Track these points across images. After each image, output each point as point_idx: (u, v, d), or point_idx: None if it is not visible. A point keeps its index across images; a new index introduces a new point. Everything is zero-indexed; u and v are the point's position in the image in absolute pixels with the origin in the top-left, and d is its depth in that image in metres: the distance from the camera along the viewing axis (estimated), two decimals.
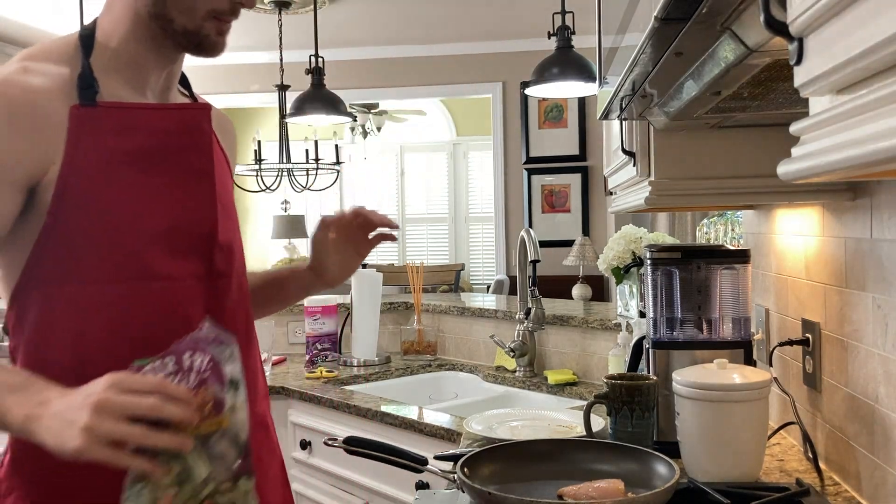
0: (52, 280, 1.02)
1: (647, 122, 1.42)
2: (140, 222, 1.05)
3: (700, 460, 1.35)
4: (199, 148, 1.12)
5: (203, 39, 1.08)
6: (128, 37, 1.08)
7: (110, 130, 1.04)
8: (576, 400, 2.31)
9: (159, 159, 1.08)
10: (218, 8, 1.06)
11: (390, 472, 1.81)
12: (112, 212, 1.03)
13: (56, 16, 5.08)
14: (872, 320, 1.20)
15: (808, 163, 0.54)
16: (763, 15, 0.55)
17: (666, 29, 0.79)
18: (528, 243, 2.45)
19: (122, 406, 0.83)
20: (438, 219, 8.79)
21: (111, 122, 1.04)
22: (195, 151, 1.12)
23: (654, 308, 1.56)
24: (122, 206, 1.04)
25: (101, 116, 1.03)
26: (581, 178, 5.92)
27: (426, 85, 6.14)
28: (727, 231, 3.19)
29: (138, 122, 1.07)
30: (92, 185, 1.02)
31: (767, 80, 0.93)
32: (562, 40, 2.87)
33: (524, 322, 2.52)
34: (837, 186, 1.29)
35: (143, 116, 1.08)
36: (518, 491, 1.20)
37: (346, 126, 7.98)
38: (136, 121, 1.07)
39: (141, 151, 1.06)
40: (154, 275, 1.05)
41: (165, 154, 1.09)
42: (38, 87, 1.01)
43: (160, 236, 1.06)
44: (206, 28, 1.07)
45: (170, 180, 1.08)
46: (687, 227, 4.35)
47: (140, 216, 1.05)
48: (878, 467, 1.19)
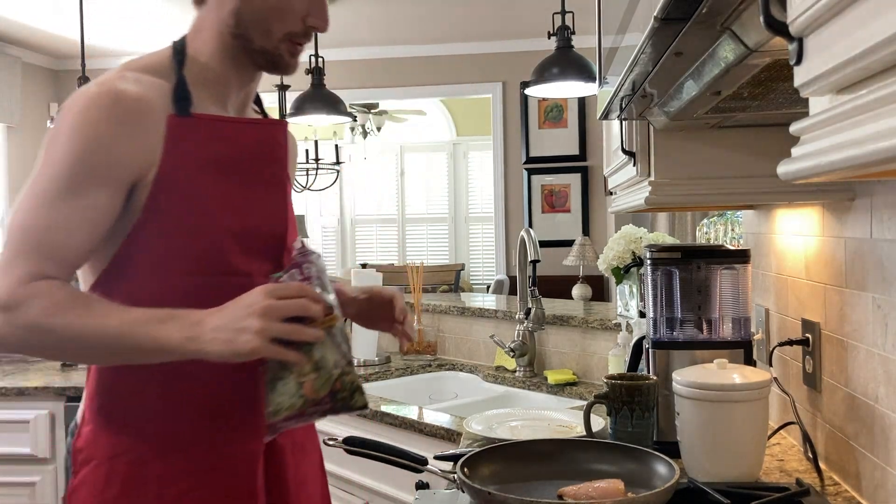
0: (139, 270, 1.13)
1: (647, 122, 1.42)
2: (222, 223, 1.16)
3: (700, 460, 1.35)
4: (275, 160, 1.25)
5: (278, 59, 1.19)
6: (214, 55, 1.19)
7: (201, 139, 1.15)
8: (576, 400, 2.31)
9: (241, 168, 1.19)
10: (293, 30, 1.17)
11: (390, 472, 1.81)
12: (199, 212, 1.14)
13: (56, 16, 5.07)
14: (872, 320, 1.20)
15: (808, 163, 0.54)
16: (763, 15, 0.55)
17: (666, 29, 0.79)
18: (528, 243, 2.45)
19: (281, 309, 1.02)
20: (438, 219, 8.79)
21: (202, 132, 1.15)
22: (272, 163, 1.24)
23: (654, 308, 1.56)
24: (208, 208, 1.15)
25: (194, 126, 1.14)
26: (581, 178, 5.92)
27: (426, 85, 6.15)
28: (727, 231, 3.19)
29: (225, 134, 1.18)
30: (183, 187, 1.12)
31: (767, 80, 0.93)
32: (562, 40, 2.87)
33: (524, 322, 2.52)
34: (837, 186, 1.29)
35: (229, 129, 1.19)
36: (518, 491, 1.20)
37: (346, 126, 7.98)
38: (224, 132, 1.18)
39: (226, 159, 1.17)
40: (232, 270, 1.16)
41: (247, 163, 1.20)
42: (143, 95, 1.11)
43: (238, 236, 1.17)
44: (281, 49, 1.18)
45: (249, 187, 1.20)
46: (687, 227, 4.35)
47: (222, 217, 1.16)
48: (878, 467, 1.19)
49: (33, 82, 6.10)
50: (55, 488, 2.69)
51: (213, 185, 1.15)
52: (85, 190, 1.07)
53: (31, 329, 1.04)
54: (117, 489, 1.13)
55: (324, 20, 1.19)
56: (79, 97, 1.10)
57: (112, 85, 1.10)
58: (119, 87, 1.10)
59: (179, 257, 1.13)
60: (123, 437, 1.15)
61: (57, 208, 1.07)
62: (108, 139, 1.08)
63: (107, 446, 1.15)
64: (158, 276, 1.13)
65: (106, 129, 1.08)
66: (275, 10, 1.15)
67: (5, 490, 2.69)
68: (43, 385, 2.70)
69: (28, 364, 3.13)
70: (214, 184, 1.15)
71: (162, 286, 1.13)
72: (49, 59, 6.24)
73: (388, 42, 5.93)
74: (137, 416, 1.15)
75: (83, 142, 1.07)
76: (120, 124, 1.08)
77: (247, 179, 1.20)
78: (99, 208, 1.08)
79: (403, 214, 8.82)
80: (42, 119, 6.06)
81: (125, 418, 1.15)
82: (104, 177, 1.08)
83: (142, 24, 5.31)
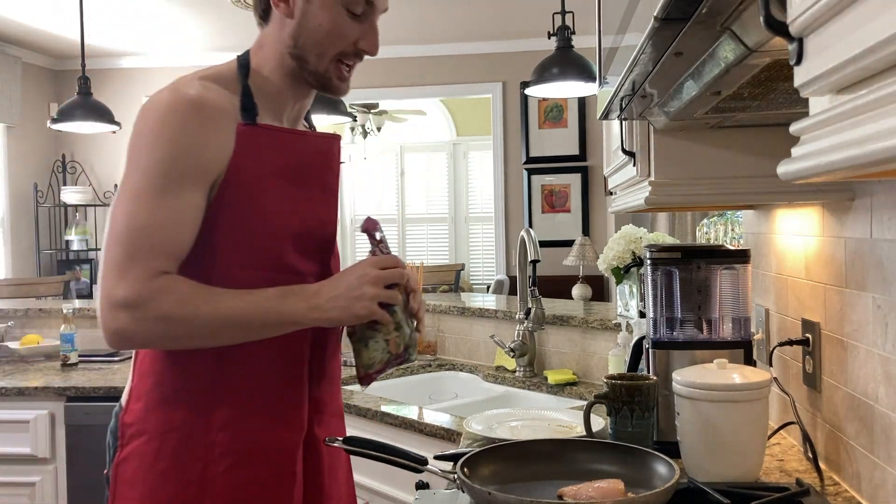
0: (202, 261, 1.21)
1: (647, 122, 1.42)
2: (283, 225, 1.26)
3: (700, 460, 1.35)
4: (330, 169, 1.34)
5: (328, 81, 1.29)
6: (274, 71, 1.29)
7: (265, 147, 1.24)
8: (576, 400, 2.31)
9: (301, 175, 1.29)
10: (345, 51, 1.27)
11: (390, 472, 1.81)
12: (262, 214, 1.24)
13: (56, 16, 5.07)
14: (872, 320, 1.20)
15: (808, 163, 0.54)
16: (763, 15, 0.55)
17: (666, 29, 0.79)
18: (528, 243, 2.45)
19: (386, 278, 1.22)
20: (438, 219, 8.78)
21: (266, 141, 1.25)
22: (327, 172, 1.33)
23: (654, 308, 1.56)
24: (271, 211, 1.24)
25: (259, 134, 1.24)
26: (581, 178, 5.92)
27: (426, 85, 6.14)
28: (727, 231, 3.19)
29: (285, 143, 1.28)
30: (249, 190, 1.22)
31: (767, 80, 0.93)
32: (562, 40, 2.87)
33: (524, 322, 2.52)
34: (837, 186, 1.29)
35: (289, 139, 1.30)
36: (518, 491, 1.20)
37: (346, 126, 7.97)
38: (284, 142, 1.28)
39: (286, 167, 1.27)
40: (286, 268, 1.26)
41: (306, 172, 1.30)
42: (218, 101, 1.21)
43: (295, 238, 1.28)
44: (331, 71, 1.28)
45: (305, 193, 1.29)
46: (687, 227, 4.35)
47: (283, 220, 1.26)
48: (878, 467, 1.19)
49: (33, 82, 6.10)
50: (55, 488, 2.69)
51: (275, 189, 1.25)
52: (181, 189, 1.17)
53: (163, 321, 1.14)
54: (167, 462, 1.21)
55: (374, 45, 1.29)
56: (158, 103, 1.19)
57: (190, 91, 1.19)
58: (198, 94, 1.19)
59: (240, 253, 1.23)
60: (176, 413, 1.23)
61: (160, 207, 1.15)
62: (195, 141, 1.17)
63: (159, 421, 1.23)
64: (220, 268, 1.22)
65: (192, 131, 1.17)
66: (329, 33, 1.25)
67: (5, 490, 2.69)
68: (43, 385, 2.70)
69: (28, 364, 3.13)
70: (277, 189, 1.25)
71: (222, 277, 1.22)
72: (49, 59, 6.24)
73: (388, 42, 5.91)
74: (191, 393, 1.23)
75: (172, 144, 1.16)
76: (202, 127, 1.18)
77: (305, 186, 1.29)
78: (194, 206, 1.18)
79: (403, 214, 8.81)
80: (42, 119, 6.06)
81: (179, 396, 1.23)
82: (194, 176, 1.18)
83: (142, 24, 5.31)
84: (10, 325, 3.39)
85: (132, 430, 1.24)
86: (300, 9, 1.25)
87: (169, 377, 1.23)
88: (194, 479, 1.21)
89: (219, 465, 1.22)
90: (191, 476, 1.21)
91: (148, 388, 1.24)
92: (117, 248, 1.15)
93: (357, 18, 1.26)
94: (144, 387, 1.24)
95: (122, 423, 1.25)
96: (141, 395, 1.25)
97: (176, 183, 1.16)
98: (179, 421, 1.22)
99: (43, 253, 6.19)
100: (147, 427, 1.23)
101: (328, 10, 1.24)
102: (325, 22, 1.24)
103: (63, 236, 6.29)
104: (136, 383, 1.26)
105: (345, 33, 1.26)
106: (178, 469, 1.21)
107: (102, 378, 2.81)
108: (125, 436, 1.24)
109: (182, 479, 1.21)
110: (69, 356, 3.04)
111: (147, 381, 1.24)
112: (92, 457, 2.67)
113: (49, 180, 6.26)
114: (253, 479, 1.24)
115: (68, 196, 6.04)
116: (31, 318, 3.42)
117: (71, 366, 3.04)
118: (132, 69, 6.28)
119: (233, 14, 5.00)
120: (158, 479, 1.21)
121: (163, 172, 1.16)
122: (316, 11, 1.24)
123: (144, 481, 1.21)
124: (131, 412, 1.25)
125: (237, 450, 1.24)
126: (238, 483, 1.23)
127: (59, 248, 6.30)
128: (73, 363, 3.05)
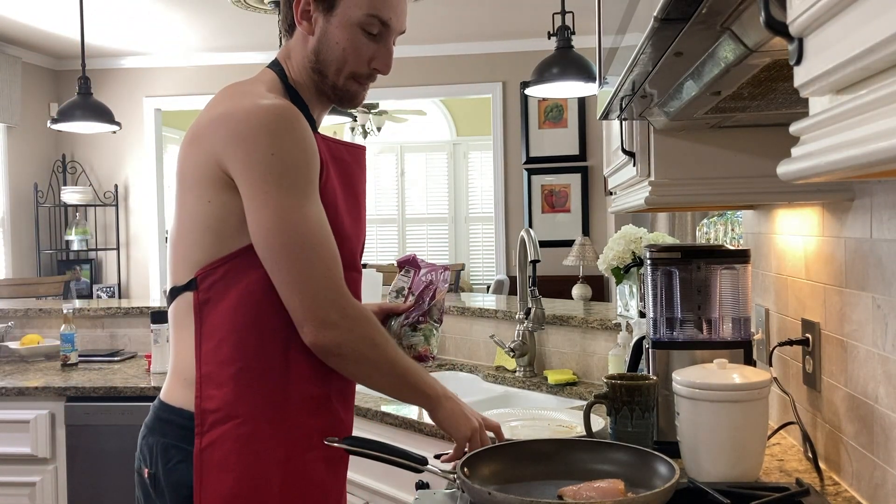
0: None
1: (647, 122, 1.42)
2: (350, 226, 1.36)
3: (700, 460, 1.35)
4: (362, 177, 1.45)
5: (344, 94, 1.37)
6: (303, 83, 1.38)
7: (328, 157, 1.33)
8: (576, 400, 2.31)
9: (349, 182, 1.39)
10: (358, 71, 1.35)
11: (390, 472, 1.81)
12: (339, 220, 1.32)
13: (56, 16, 5.07)
14: (872, 320, 1.20)
15: (808, 163, 0.54)
16: (763, 15, 0.55)
17: (666, 29, 0.79)
18: (528, 243, 2.45)
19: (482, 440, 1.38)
20: (438, 219, 8.78)
21: (327, 151, 1.33)
22: (361, 179, 1.44)
23: (654, 308, 1.56)
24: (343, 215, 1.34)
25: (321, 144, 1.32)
26: (581, 178, 5.92)
27: (426, 85, 6.14)
28: (727, 231, 3.19)
29: (335, 151, 1.37)
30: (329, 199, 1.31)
31: (767, 80, 0.93)
32: (562, 40, 2.87)
33: (524, 322, 2.52)
34: (837, 186, 1.29)
35: (336, 147, 1.38)
36: (518, 491, 1.21)
37: (346, 126, 7.97)
38: (333, 149, 1.36)
39: (340, 173, 1.36)
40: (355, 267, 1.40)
41: (352, 179, 1.40)
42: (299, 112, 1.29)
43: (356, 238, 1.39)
44: (347, 86, 1.36)
45: (355, 197, 1.40)
46: (687, 227, 4.35)
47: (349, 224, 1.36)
48: (878, 467, 1.19)
49: (33, 82, 6.10)
50: (55, 488, 2.69)
51: (342, 197, 1.35)
52: (315, 195, 1.27)
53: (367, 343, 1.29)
54: (261, 444, 1.29)
55: (386, 65, 1.36)
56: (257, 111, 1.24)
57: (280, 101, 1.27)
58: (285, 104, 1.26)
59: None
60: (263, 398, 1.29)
61: (316, 216, 1.26)
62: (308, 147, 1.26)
63: (249, 405, 1.29)
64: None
65: (302, 138, 1.26)
66: (347, 51, 1.33)
67: (5, 490, 2.69)
68: (43, 385, 2.70)
69: (28, 364, 3.13)
70: (342, 196, 1.35)
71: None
72: (49, 59, 6.24)
73: None
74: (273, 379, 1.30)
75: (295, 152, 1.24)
76: (305, 131, 1.27)
77: (353, 192, 1.39)
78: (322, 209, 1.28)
79: (403, 214, 8.81)
80: (42, 119, 6.06)
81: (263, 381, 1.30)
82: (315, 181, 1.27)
83: (142, 24, 5.31)
84: (11, 325, 3.39)
85: (219, 414, 1.28)
86: (320, 27, 1.33)
87: (251, 365, 1.29)
88: (281, 458, 1.29)
89: (298, 446, 1.32)
90: (278, 456, 1.29)
91: (231, 375, 1.28)
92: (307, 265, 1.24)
93: (373, 38, 1.33)
94: (226, 374, 1.29)
95: (201, 410, 1.28)
96: (223, 381, 1.29)
97: (312, 189, 1.26)
98: (266, 405, 1.29)
99: (43, 253, 6.19)
100: (239, 411, 1.28)
101: (346, 29, 1.32)
102: (342, 40, 1.32)
103: (63, 236, 6.29)
104: (212, 369, 1.29)
105: (360, 52, 1.33)
106: (269, 450, 1.29)
107: (102, 378, 2.81)
108: (206, 422, 1.28)
109: (272, 459, 1.29)
110: (69, 356, 3.04)
111: (230, 369, 1.29)
112: (92, 457, 2.67)
113: (49, 180, 6.27)
114: (323, 459, 1.35)
115: (68, 196, 6.05)
116: (32, 318, 3.42)
117: (71, 366, 3.04)
118: (132, 69, 6.28)
119: (233, 14, 5.00)
120: (252, 459, 1.28)
121: (302, 181, 1.25)
122: (334, 30, 1.32)
123: (239, 462, 1.27)
124: (213, 398, 1.28)
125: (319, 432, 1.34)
126: (315, 462, 1.34)
127: (59, 248, 6.30)
128: (74, 363, 3.05)
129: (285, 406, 1.31)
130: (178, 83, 6.25)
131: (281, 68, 1.38)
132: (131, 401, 2.63)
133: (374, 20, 1.32)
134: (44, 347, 3.21)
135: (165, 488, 1.29)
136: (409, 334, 1.56)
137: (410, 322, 1.56)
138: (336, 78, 1.35)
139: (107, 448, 2.65)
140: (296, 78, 1.37)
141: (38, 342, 3.23)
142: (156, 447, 1.30)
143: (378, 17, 1.32)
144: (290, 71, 1.38)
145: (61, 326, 3.09)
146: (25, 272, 6.05)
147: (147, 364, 2.94)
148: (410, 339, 1.56)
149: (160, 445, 1.30)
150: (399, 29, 1.36)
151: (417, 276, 1.60)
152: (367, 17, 1.31)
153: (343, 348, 1.26)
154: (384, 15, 1.32)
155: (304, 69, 1.36)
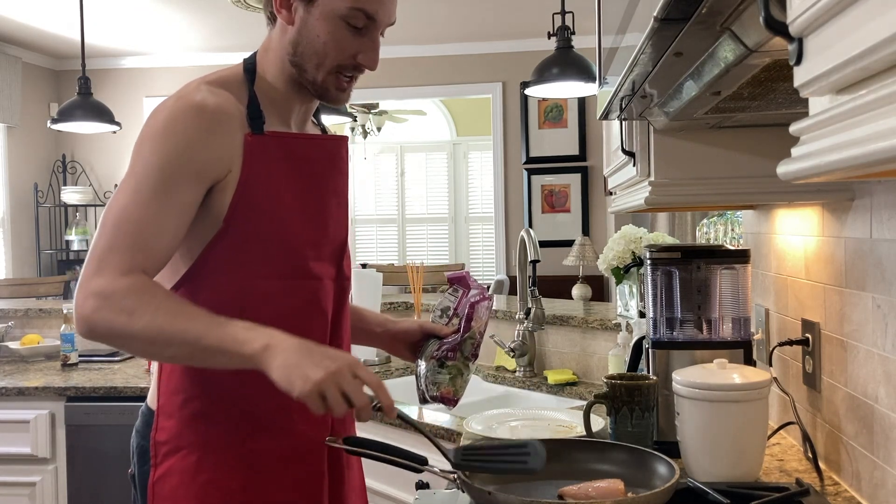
0: (222, 271, 1.23)
1: (647, 122, 1.42)
2: (300, 232, 1.27)
3: (700, 460, 1.35)
4: (339, 172, 1.35)
5: (325, 91, 1.28)
6: (277, 76, 1.29)
7: (275, 155, 1.25)
8: (576, 400, 2.31)
9: (311, 181, 1.30)
10: (343, 64, 1.26)
11: (390, 472, 1.81)
12: (278, 222, 1.24)
13: (56, 16, 5.07)
14: (872, 320, 1.20)
15: (808, 163, 0.54)
16: (763, 15, 0.55)
17: (666, 29, 0.79)
18: (528, 243, 2.45)
19: (346, 387, 1.07)
20: (438, 219, 8.78)
21: (275, 149, 1.25)
22: (337, 175, 1.35)
23: (653, 308, 1.56)
24: (287, 218, 1.25)
25: (267, 143, 1.25)
26: (581, 178, 5.92)
27: (426, 85, 6.14)
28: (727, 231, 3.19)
29: (294, 149, 1.28)
30: (262, 200, 1.23)
31: (767, 80, 0.93)
32: (562, 40, 2.87)
33: (524, 322, 2.52)
34: (837, 186, 1.29)
35: (297, 144, 1.30)
36: (518, 491, 1.21)
37: (346, 126, 7.97)
38: (292, 147, 1.28)
39: (298, 173, 1.28)
40: (306, 274, 1.28)
41: (317, 176, 1.31)
42: (221, 105, 1.22)
43: (311, 244, 1.29)
44: (328, 82, 1.27)
45: (318, 198, 1.30)
46: (687, 227, 4.35)
47: (300, 227, 1.27)
48: (878, 467, 1.19)
49: (33, 82, 6.10)
50: (55, 488, 2.69)
51: (290, 197, 1.26)
52: (173, 190, 1.17)
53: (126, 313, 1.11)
54: (208, 474, 1.23)
55: (373, 60, 1.27)
56: (164, 108, 1.21)
57: (194, 97, 1.21)
58: (201, 99, 1.20)
59: (260, 263, 1.24)
60: (210, 427, 1.25)
61: (149, 206, 1.16)
62: (193, 144, 1.18)
63: (195, 436, 1.24)
64: (240, 278, 1.24)
65: (192, 135, 1.18)
66: (326, 45, 1.24)
67: (5, 490, 2.69)
68: (43, 385, 2.70)
69: (28, 364, 3.13)
70: (291, 196, 1.26)
71: (243, 287, 1.24)
72: (49, 59, 6.24)
73: (388, 42, 5.89)
74: (221, 407, 1.25)
75: (171, 147, 1.18)
76: (203, 131, 1.19)
77: (317, 190, 1.30)
78: (184, 206, 1.18)
79: (403, 214, 8.81)
80: (42, 119, 6.06)
81: (209, 410, 1.25)
82: (189, 177, 1.18)
83: (142, 24, 5.31)
84: (11, 325, 3.39)
85: (167, 447, 1.25)
86: (300, 17, 1.24)
87: (197, 393, 1.25)
88: (237, 488, 1.24)
89: (258, 472, 1.25)
90: (233, 486, 1.24)
91: (178, 405, 1.26)
92: (102, 239, 1.16)
93: (358, 32, 1.24)
94: (174, 404, 1.26)
95: (154, 443, 1.26)
96: (172, 412, 1.26)
97: (170, 183, 1.17)
98: (215, 433, 1.25)
99: (43, 253, 6.19)
100: (183, 443, 1.25)
101: (327, 21, 1.23)
102: (322, 33, 1.23)
103: (63, 236, 6.29)
104: (164, 401, 1.27)
105: (343, 46, 1.24)
106: (220, 480, 1.24)
107: (103, 378, 2.81)
108: (159, 454, 1.26)
109: (226, 490, 1.24)
110: (69, 356, 3.04)
111: (177, 399, 1.26)
112: (92, 457, 2.67)
113: (49, 180, 6.27)
114: (289, 481, 1.28)
115: (68, 196, 6.04)
116: (32, 318, 3.42)
117: (71, 366, 3.04)
118: (132, 69, 6.28)
119: (233, 14, 5.00)
120: (202, 492, 1.23)
121: (160, 174, 1.17)
122: (315, 22, 1.23)
123: (188, 496, 1.23)
124: (163, 430, 1.26)
125: (274, 456, 1.27)
126: (278, 486, 1.27)
127: (59, 248, 6.30)
128: (74, 363, 3.05)
129: (235, 432, 1.25)
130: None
131: (253, 61, 1.30)
132: (131, 401, 2.63)
133: (358, 13, 1.22)
134: (44, 347, 3.21)
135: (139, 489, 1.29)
136: (435, 369, 1.37)
137: (439, 356, 1.37)
138: (316, 72, 1.26)
139: (107, 448, 2.65)
140: (271, 71, 1.29)
141: (39, 342, 3.24)
142: (136, 448, 1.31)
143: (363, 11, 1.22)
144: (265, 64, 1.29)
145: (61, 326, 3.09)
146: (25, 272, 6.05)
147: (147, 364, 2.94)
148: (436, 377, 1.37)
149: (139, 447, 1.30)
150: (387, 22, 1.27)
151: (465, 298, 1.44)
152: (351, 9, 1.21)
153: (97, 327, 1.11)
154: (370, 8, 1.23)
155: (281, 61, 1.28)
